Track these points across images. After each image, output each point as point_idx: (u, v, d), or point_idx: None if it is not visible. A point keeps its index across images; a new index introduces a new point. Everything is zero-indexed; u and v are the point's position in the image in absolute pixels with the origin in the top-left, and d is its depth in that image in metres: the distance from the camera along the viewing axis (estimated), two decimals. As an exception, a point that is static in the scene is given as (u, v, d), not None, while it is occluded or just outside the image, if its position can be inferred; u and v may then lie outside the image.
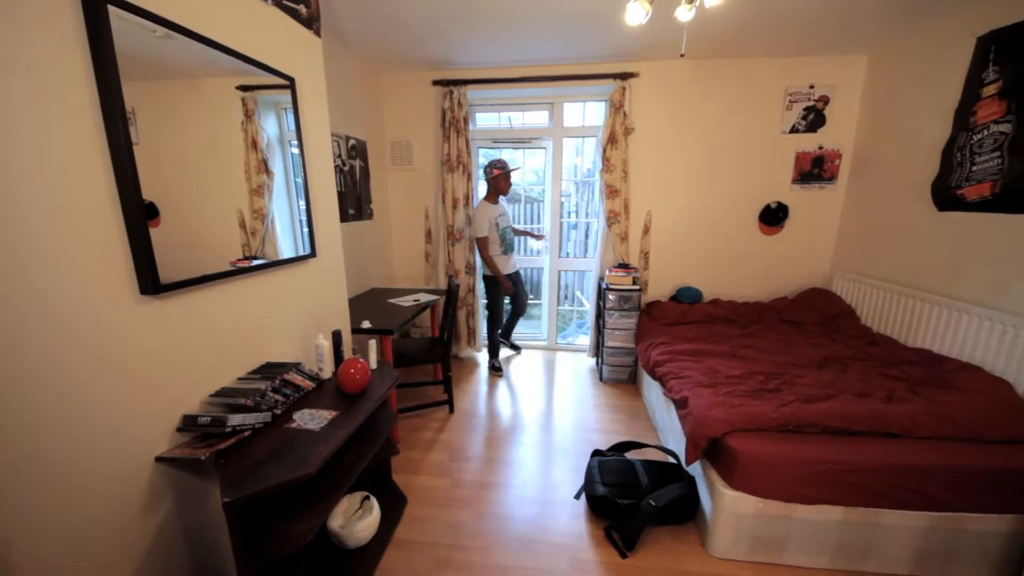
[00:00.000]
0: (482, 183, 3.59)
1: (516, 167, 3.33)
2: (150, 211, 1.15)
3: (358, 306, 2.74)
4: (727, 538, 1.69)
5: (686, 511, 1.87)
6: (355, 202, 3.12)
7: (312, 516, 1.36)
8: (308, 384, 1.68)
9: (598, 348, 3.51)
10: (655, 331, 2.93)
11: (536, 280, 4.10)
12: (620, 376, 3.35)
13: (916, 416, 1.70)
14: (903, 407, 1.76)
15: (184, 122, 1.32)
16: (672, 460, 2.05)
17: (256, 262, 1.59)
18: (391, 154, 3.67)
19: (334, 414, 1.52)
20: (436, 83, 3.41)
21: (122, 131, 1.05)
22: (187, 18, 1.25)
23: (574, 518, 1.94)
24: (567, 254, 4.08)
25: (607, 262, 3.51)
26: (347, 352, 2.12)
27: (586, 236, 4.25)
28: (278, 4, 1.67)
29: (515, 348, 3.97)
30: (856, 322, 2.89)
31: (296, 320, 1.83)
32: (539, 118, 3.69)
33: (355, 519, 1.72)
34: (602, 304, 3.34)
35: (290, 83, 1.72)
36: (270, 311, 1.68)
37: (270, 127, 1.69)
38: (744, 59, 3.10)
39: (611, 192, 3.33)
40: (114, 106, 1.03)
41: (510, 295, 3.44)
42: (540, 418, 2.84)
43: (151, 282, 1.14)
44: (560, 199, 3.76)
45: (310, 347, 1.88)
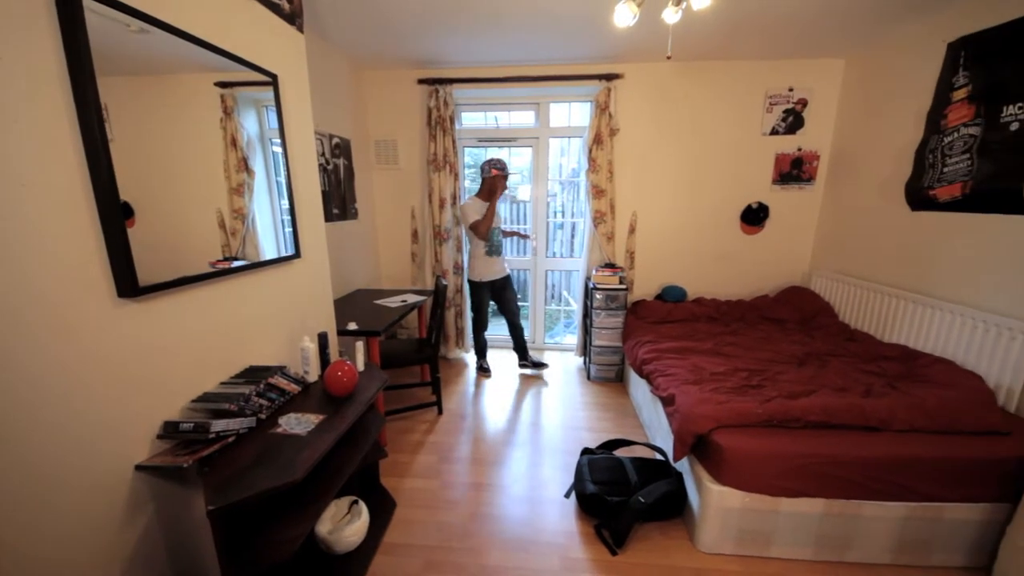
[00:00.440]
0: (468, 182, 3.59)
1: (514, 173, 3.23)
2: (124, 211, 1.11)
3: (343, 308, 2.70)
4: (715, 533, 1.72)
5: (674, 507, 1.89)
6: (339, 201, 3.07)
7: (300, 523, 1.33)
8: (294, 388, 1.65)
9: (586, 347, 3.53)
10: (641, 330, 2.96)
11: (522, 280, 4.08)
12: (608, 375, 3.38)
13: (893, 409, 1.76)
14: (881, 401, 1.82)
15: (159, 119, 1.27)
16: (660, 457, 2.08)
17: (236, 263, 1.55)
18: (376, 153, 3.62)
19: (321, 418, 1.49)
20: (421, 81, 3.38)
21: (97, 126, 1.01)
22: (163, 11, 1.21)
23: (564, 517, 1.94)
24: (553, 254, 4.09)
25: (594, 262, 3.53)
26: (333, 354, 2.08)
27: (572, 236, 4.27)
28: (259, -1, 1.63)
29: (538, 365, 3.49)
30: (834, 319, 2.98)
31: (280, 322, 1.79)
32: (525, 118, 3.69)
33: (343, 524, 1.69)
34: (589, 303, 3.36)
35: (273, 80, 1.68)
36: (254, 313, 1.63)
37: (250, 125, 1.65)
38: (725, 61, 3.16)
39: (597, 192, 3.35)
40: (88, 101, 0.99)
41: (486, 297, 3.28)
42: (529, 418, 2.84)
43: (129, 284, 1.10)
44: (547, 199, 3.77)
45: (295, 350, 1.84)
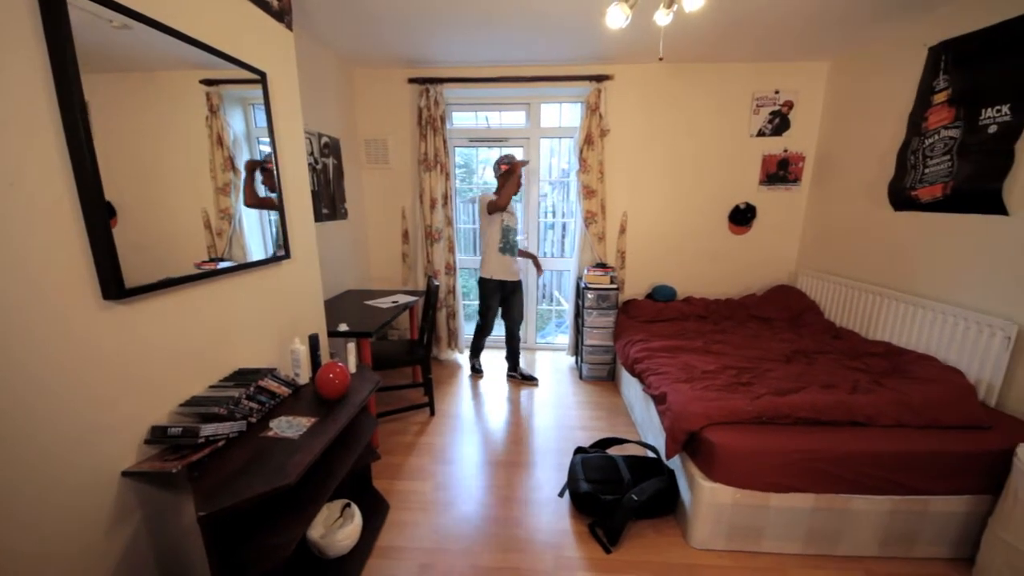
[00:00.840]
0: (459, 182, 3.56)
1: (526, 161, 3.08)
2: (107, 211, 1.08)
3: (333, 309, 2.67)
4: (707, 529, 1.74)
5: (667, 504, 1.90)
6: (329, 201, 3.03)
7: (292, 527, 1.31)
8: (284, 390, 1.62)
9: (577, 346, 3.54)
10: (633, 329, 2.98)
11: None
12: (599, 374, 3.39)
13: (879, 405, 1.80)
14: (867, 397, 1.86)
15: (143, 117, 1.24)
16: (652, 455, 2.09)
17: (222, 264, 1.52)
18: (366, 152, 3.58)
19: (313, 421, 1.47)
20: (412, 81, 3.36)
21: (81, 125, 0.98)
22: (147, 6, 1.17)
23: (558, 516, 1.95)
24: (544, 254, 4.10)
25: (585, 261, 3.54)
26: (324, 356, 2.05)
27: (563, 236, 4.28)
28: (247, -5, 1.60)
29: (527, 379, 3.34)
30: (820, 317, 3.03)
31: (270, 324, 1.76)
32: (516, 118, 3.69)
33: (336, 528, 1.67)
34: (581, 303, 3.37)
35: (261, 78, 1.65)
36: (243, 315, 1.60)
37: (236, 123, 1.62)
38: (713, 64, 3.20)
39: (588, 193, 3.37)
40: (72, 98, 0.96)
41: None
42: (522, 418, 2.84)
43: (115, 286, 1.07)
44: (538, 199, 3.77)
45: (285, 352, 1.81)
